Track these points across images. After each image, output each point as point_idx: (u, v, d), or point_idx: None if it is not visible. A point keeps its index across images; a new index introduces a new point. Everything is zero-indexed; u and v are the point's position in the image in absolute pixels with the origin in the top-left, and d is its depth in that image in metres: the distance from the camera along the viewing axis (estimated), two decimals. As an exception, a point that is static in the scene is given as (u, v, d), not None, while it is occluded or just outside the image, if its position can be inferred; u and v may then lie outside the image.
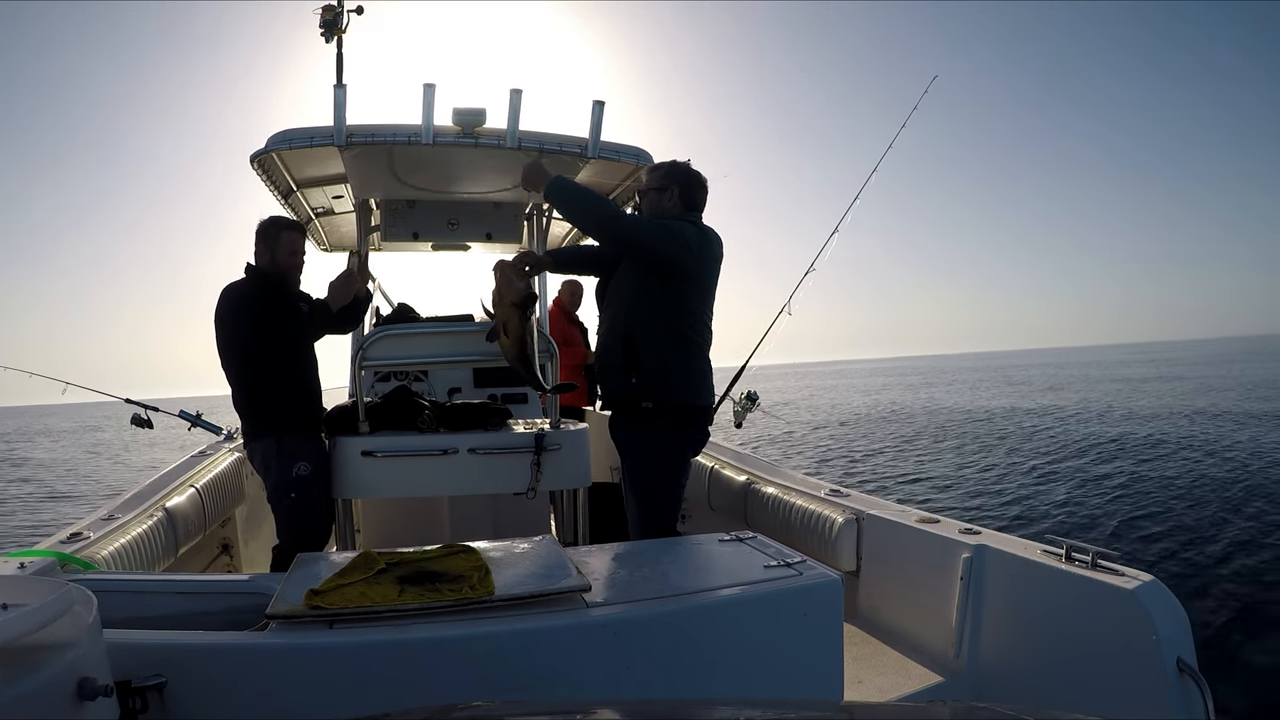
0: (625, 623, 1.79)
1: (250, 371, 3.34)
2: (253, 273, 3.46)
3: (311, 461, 3.30)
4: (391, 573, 1.98)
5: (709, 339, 3.11)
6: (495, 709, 1.13)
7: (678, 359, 2.99)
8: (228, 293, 3.35)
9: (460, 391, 5.12)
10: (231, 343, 3.32)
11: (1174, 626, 2.11)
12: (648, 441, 3.03)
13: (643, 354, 2.97)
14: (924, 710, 1.06)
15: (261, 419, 3.34)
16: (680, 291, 2.98)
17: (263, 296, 3.35)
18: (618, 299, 3.10)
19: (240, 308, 3.31)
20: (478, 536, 2.40)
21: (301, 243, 3.56)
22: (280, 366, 3.35)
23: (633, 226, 2.96)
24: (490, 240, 4.63)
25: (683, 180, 3.12)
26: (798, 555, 2.13)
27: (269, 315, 3.31)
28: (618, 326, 3.05)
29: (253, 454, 3.40)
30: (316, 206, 4.65)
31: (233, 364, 3.35)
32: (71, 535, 2.77)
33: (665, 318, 2.98)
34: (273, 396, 3.33)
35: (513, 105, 3.31)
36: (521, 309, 3.01)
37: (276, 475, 3.27)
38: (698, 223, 3.06)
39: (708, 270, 3.04)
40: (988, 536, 2.70)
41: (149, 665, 1.55)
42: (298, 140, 3.45)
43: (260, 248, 3.47)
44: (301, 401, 3.42)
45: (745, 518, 3.94)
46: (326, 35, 5.10)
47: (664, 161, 3.21)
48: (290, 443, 3.28)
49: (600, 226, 2.96)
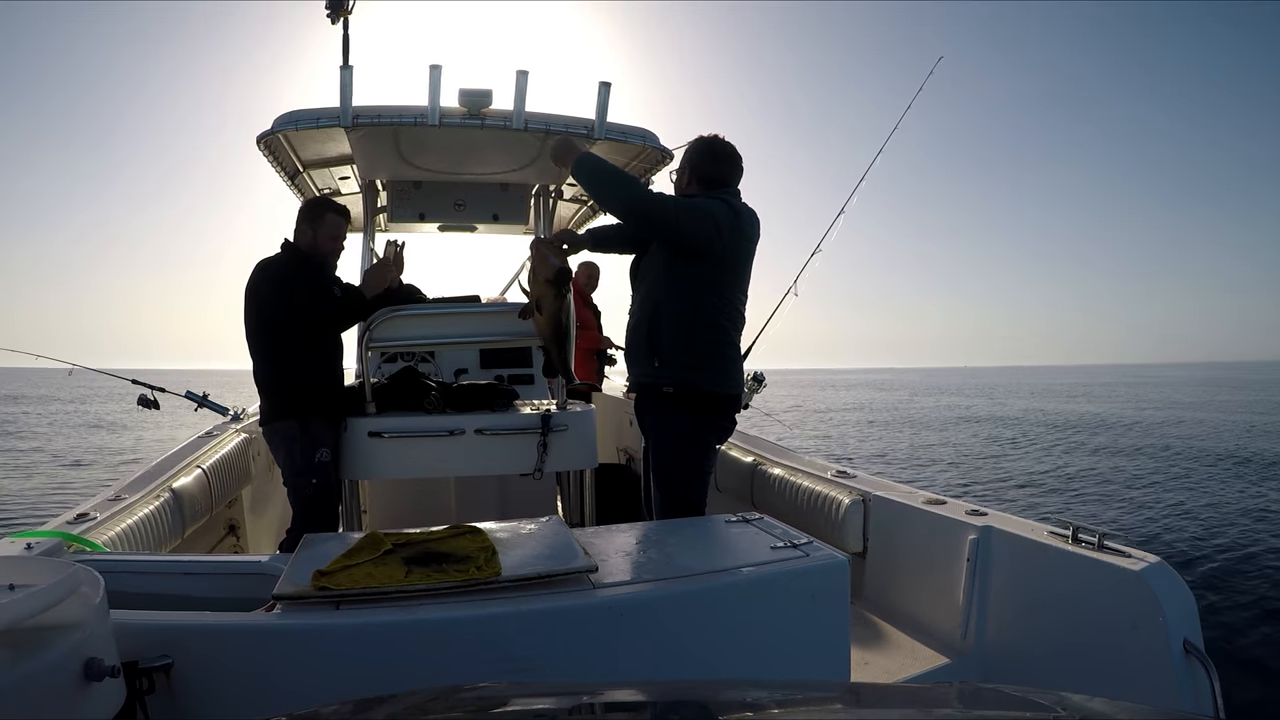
0: (632, 604, 1.79)
1: (278, 349, 3.29)
2: (290, 249, 3.40)
3: (332, 448, 3.29)
4: (398, 554, 1.98)
5: (740, 324, 2.98)
6: (502, 689, 1.13)
7: (702, 344, 2.87)
8: (263, 266, 3.30)
9: (467, 373, 5.12)
10: (261, 317, 3.27)
11: (1180, 608, 2.11)
12: (668, 428, 2.94)
13: (665, 337, 2.87)
14: (931, 692, 1.06)
15: (286, 401, 3.30)
16: (708, 274, 2.84)
17: (299, 276, 3.30)
18: (647, 280, 3.00)
19: (275, 283, 3.26)
20: (484, 517, 2.40)
21: (344, 228, 3.50)
22: (309, 349, 3.31)
23: (659, 206, 2.79)
24: (497, 221, 4.62)
25: (695, 158, 3.00)
26: (804, 537, 2.12)
27: (304, 295, 3.26)
28: (646, 308, 2.95)
29: (272, 435, 3.36)
30: (323, 187, 4.64)
31: (260, 340, 3.31)
32: (78, 516, 2.78)
33: (691, 300, 2.85)
34: (300, 378, 3.29)
35: (519, 86, 3.29)
36: (557, 286, 2.93)
37: (300, 461, 3.25)
38: (731, 201, 2.88)
39: (739, 251, 2.89)
40: (994, 518, 2.70)
41: (156, 646, 1.55)
42: (304, 121, 3.43)
43: (302, 226, 3.41)
44: (328, 385, 3.39)
45: (752, 499, 3.94)
46: (333, 16, 5.07)
47: (692, 144, 3.07)
48: (314, 428, 3.26)
49: (625, 206, 2.82)
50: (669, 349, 2.87)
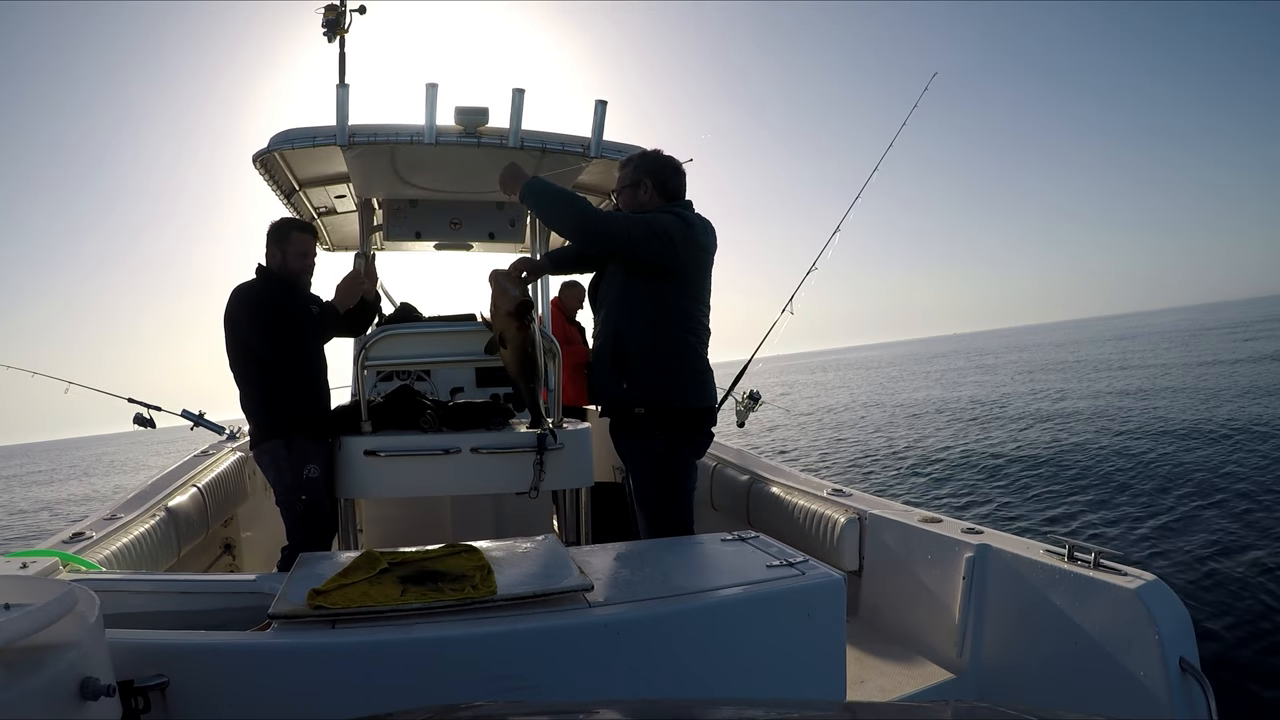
0: (628, 622, 1.79)
1: (260, 373, 3.32)
2: (263, 274, 3.44)
3: (321, 464, 3.29)
4: (394, 572, 1.98)
5: (705, 336, 2.96)
6: (497, 709, 1.13)
7: (667, 361, 2.84)
8: (238, 293, 3.33)
9: (463, 391, 5.13)
10: (240, 344, 3.30)
11: (1176, 626, 2.11)
12: (645, 451, 2.91)
13: (631, 357, 2.84)
14: (927, 710, 1.06)
15: (271, 421, 3.32)
16: (667, 289, 2.83)
17: (273, 298, 3.33)
18: (607, 300, 2.99)
19: (250, 309, 3.29)
20: (480, 536, 2.40)
21: (312, 244, 3.54)
22: (289, 369, 3.33)
23: (609, 225, 2.75)
24: (493, 240, 4.63)
25: (655, 170, 2.98)
26: (800, 555, 2.12)
27: (279, 317, 3.29)
28: (608, 329, 2.93)
29: (260, 456, 3.38)
30: (319, 206, 4.66)
31: (241, 365, 3.33)
32: (74, 535, 2.78)
33: (653, 317, 2.83)
34: (282, 399, 3.31)
35: (515, 105, 3.31)
36: (519, 318, 2.92)
37: (289, 478, 3.26)
38: (682, 213, 2.86)
39: (696, 263, 2.88)
40: (990, 536, 2.70)
41: (151, 665, 1.55)
42: (300, 140, 3.45)
43: (271, 249, 3.45)
44: (311, 404, 3.41)
45: (748, 517, 3.94)
46: (329, 35, 5.10)
47: (632, 154, 3.07)
48: (300, 445, 3.27)
49: (576, 228, 2.80)
50: (636, 368, 2.84)
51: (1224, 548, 7.46)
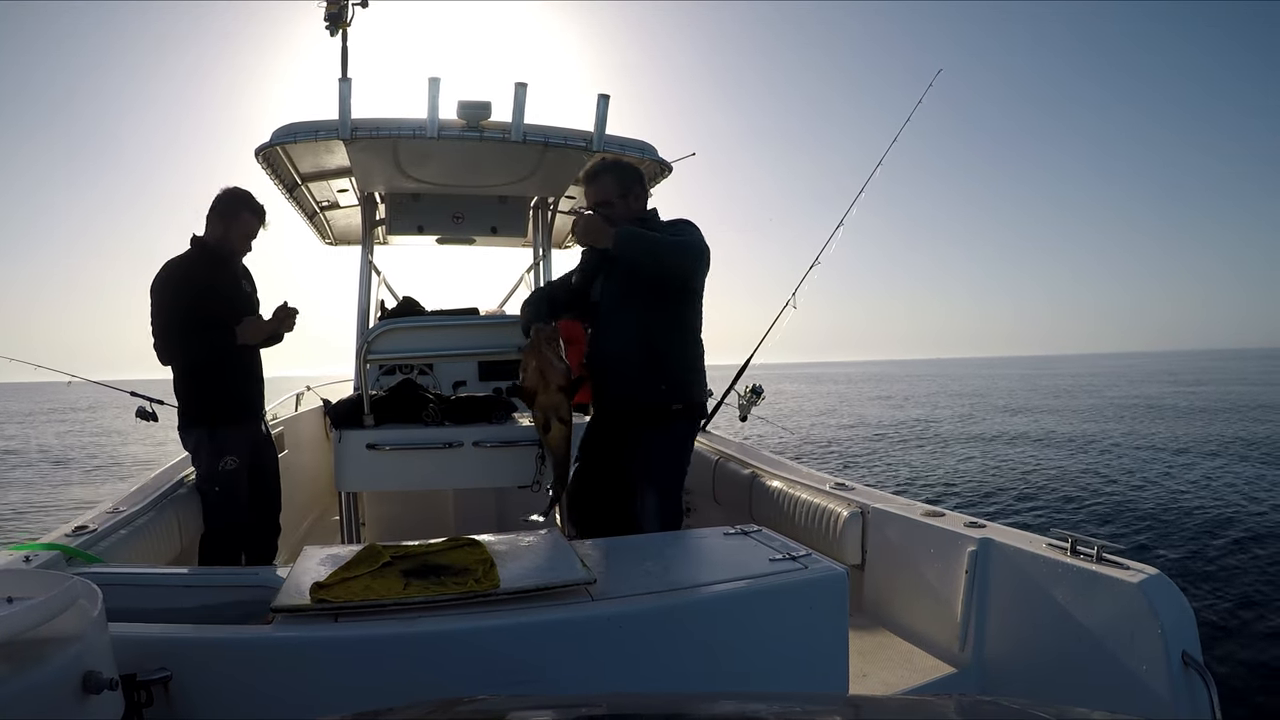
0: (630, 616, 1.79)
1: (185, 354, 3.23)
2: (198, 245, 3.31)
3: (241, 454, 3.26)
4: (396, 566, 1.98)
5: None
6: (501, 702, 1.13)
7: (693, 359, 3.08)
8: (169, 266, 3.21)
9: (465, 385, 5.13)
10: (164, 320, 3.18)
11: (1179, 620, 2.11)
12: (673, 440, 3.08)
13: (672, 361, 3.02)
14: (929, 704, 1.05)
15: (195, 407, 3.27)
16: (692, 300, 3.04)
17: (205, 274, 3.23)
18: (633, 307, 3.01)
19: (180, 283, 3.18)
20: (483, 529, 2.40)
21: (258, 228, 3.43)
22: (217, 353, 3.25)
23: (682, 255, 2.88)
24: (495, 234, 4.63)
25: (639, 176, 3.12)
26: (803, 549, 2.12)
27: (208, 298, 3.19)
28: (639, 334, 2.99)
29: (185, 440, 3.34)
30: (321, 200, 4.65)
31: (166, 344, 3.20)
32: (77, 528, 2.77)
33: (684, 323, 3.05)
34: (208, 384, 3.25)
35: (518, 99, 3.30)
36: (570, 394, 2.80)
37: (205, 466, 3.25)
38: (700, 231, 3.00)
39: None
40: (993, 530, 2.70)
41: (154, 659, 1.55)
42: (302, 134, 3.44)
43: (213, 221, 3.32)
44: (237, 390, 3.35)
45: (750, 511, 3.93)
46: (331, 29, 5.10)
47: (606, 166, 3.11)
48: (221, 434, 3.23)
49: (665, 264, 2.86)
50: (676, 370, 3.02)
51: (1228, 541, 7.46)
